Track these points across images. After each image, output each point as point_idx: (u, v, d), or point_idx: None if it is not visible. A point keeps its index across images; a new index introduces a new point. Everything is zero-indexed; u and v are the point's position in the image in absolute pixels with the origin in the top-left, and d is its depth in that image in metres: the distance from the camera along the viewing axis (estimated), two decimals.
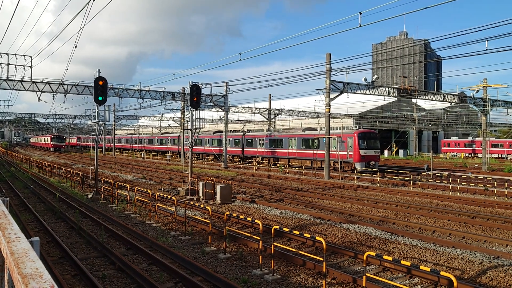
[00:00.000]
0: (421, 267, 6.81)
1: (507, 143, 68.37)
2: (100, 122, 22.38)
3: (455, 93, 42.76)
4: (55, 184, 26.89)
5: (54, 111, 74.14)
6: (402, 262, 7.19)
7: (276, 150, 44.42)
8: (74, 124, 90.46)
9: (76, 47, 19.14)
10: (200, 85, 23.07)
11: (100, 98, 19.98)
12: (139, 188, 18.89)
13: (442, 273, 6.57)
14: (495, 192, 22.03)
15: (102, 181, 23.85)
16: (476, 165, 47.58)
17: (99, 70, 20.75)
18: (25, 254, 2.17)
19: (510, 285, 8.60)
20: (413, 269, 9.11)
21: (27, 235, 10.00)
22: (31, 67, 29.89)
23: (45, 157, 60.56)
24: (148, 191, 17.23)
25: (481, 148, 46.99)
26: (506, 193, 21.82)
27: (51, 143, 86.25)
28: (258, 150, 47.19)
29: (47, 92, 32.75)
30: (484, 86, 41.23)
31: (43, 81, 32.33)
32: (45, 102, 75.34)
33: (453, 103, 47.51)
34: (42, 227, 14.05)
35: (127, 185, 19.91)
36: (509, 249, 11.65)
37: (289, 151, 42.44)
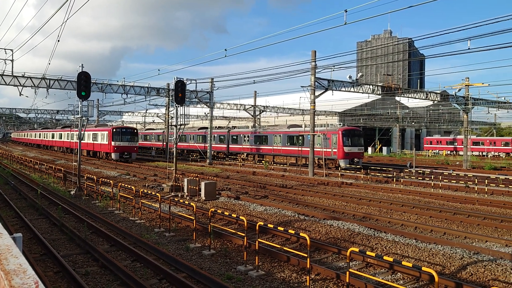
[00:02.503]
0: (403, 263, 6.90)
1: (488, 141, 69.76)
2: (83, 118, 22.12)
3: (438, 92, 43.32)
4: (37, 180, 26.46)
5: (36, 106, 72.46)
6: (385, 258, 7.28)
7: (261, 147, 44.46)
8: (57, 120, 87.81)
9: (58, 41, 18.86)
10: (185, 81, 22.92)
11: (83, 93, 19.73)
12: (122, 185, 18.71)
13: (423, 268, 6.68)
14: (476, 189, 22.46)
15: (85, 177, 23.57)
16: (457, 163, 48.39)
17: (82, 64, 20.48)
18: (7, 250, 2.15)
19: (489, 280, 8.80)
20: (395, 264, 9.25)
21: (8, 231, 9.84)
22: (12, 61, 29.38)
23: (26, 153, 59.52)
24: (132, 187, 17.06)
25: (462, 146, 47.85)
26: (486, 190, 22.27)
27: (113, 143, 44.09)
28: (243, 146, 47.17)
29: (28, 86, 32.22)
30: (466, 85, 41.92)
31: (25, 75, 31.79)
32: (27, 96, 73.98)
33: (435, 101, 48.19)
34: (23, 224, 13.83)
35: (110, 181, 19.70)
36: (489, 245, 11.91)
37: (274, 148, 42.53)
